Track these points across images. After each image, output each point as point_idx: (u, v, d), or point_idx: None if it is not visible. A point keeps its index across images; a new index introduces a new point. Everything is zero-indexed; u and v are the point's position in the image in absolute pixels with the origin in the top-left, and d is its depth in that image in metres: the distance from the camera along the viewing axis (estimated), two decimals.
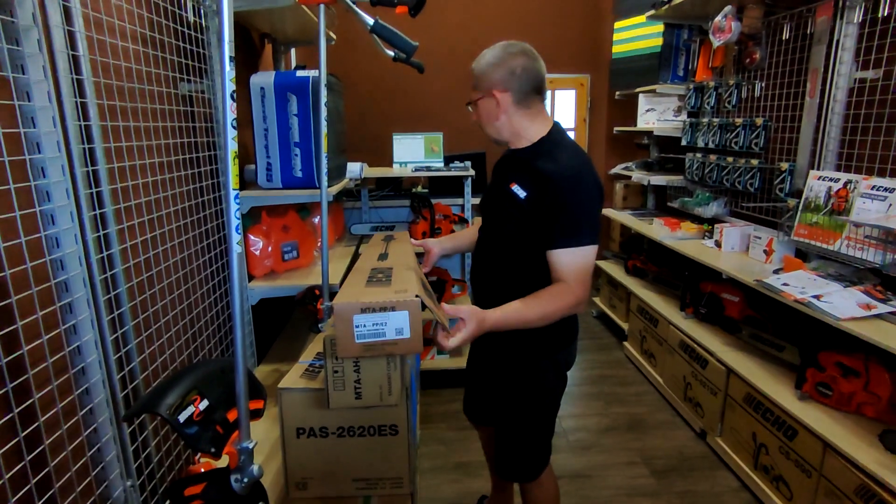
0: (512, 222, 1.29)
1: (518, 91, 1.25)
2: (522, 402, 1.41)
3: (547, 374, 1.39)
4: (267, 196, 1.94)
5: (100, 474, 1.12)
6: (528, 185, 1.24)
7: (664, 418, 2.59)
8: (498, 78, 1.25)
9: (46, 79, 0.96)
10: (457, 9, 4.27)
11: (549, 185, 1.19)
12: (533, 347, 1.36)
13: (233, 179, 0.86)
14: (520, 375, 1.39)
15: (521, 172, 1.28)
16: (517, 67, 1.24)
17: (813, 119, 2.17)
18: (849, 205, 1.88)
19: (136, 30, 1.39)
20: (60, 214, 1.00)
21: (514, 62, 1.25)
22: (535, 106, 1.29)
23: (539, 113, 1.30)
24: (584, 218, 1.20)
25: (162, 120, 1.50)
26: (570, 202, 1.18)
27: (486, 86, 1.27)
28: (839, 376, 1.78)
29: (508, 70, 1.24)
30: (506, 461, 1.48)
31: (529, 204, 1.23)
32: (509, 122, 1.29)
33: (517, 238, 1.28)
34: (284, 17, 2.12)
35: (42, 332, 0.96)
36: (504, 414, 1.45)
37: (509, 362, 1.41)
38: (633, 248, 3.55)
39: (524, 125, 1.29)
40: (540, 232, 1.22)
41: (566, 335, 1.40)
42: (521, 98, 1.26)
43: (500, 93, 1.25)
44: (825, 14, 2.07)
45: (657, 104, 3.39)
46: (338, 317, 1.02)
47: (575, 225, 1.19)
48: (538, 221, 1.22)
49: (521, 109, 1.28)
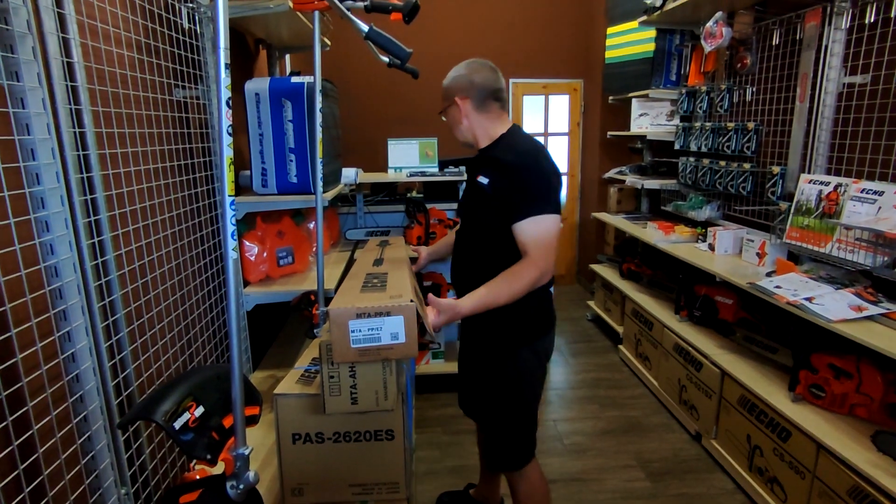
0: (481, 209, 1.43)
1: (476, 98, 1.44)
2: (503, 390, 1.47)
3: (526, 362, 1.46)
4: (262, 202, 1.94)
5: (94, 482, 1.11)
6: (490, 173, 1.40)
7: (659, 421, 2.60)
8: (459, 87, 1.45)
9: (41, 86, 0.96)
10: (451, 15, 4.30)
11: (507, 170, 1.35)
12: (511, 336, 1.44)
13: (228, 186, 0.86)
14: (500, 364, 1.47)
15: (484, 165, 1.44)
16: (475, 78, 1.43)
17: (803, 123, 2.19)
18: (839, 208, 1.90)
19: (130, 36, 1.39)
20: (55, 221, 1.00)
21: (473, 74, 1.44)
22: (493, 110, 1.46)
23: (498, 116, 1.47)
24: (538, 192, 1.33)
25: (157, 126, 1.50)
26: (525, 180, 1.33)
27: (450, 95, 1.47)
28: (832, 378, 1.79)
29: (468, 81, 1.44)
30: (491, 451, 1.55)
31: (493, 189, 1.38)
32: (471, 125, 1.47)
33: (487, 222, 1.41)
34: (279, 22, 2.13)
35: (36, 339, 0.96)
36: (487, 403, 1.52)
37: (490, 352, 1.48)
38: (627, 251, 3.57)
39: (485, 126, 1.46)
40: (504, 212, 1.35)
41: (543, 323, 1.49)
42: (480, 103, 1.44)
43: (461, 100, 1.44)
44: (814, 20, 2.10)
45: (650, 109, 3.41)
46: (333, 322, 1.02)
47: (531, 199, 1.32)
48: (501, 203, 1.36)
49: (482, 113, 1.45)
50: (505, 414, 1.49)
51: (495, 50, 4.38)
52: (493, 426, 1.52)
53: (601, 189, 4.30)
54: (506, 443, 1.51)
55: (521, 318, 1.42)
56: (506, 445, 1.51)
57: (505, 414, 1.49)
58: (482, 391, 1.53)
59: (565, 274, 4.90)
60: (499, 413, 1.49)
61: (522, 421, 1.50)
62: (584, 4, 4.40)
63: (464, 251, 1.54)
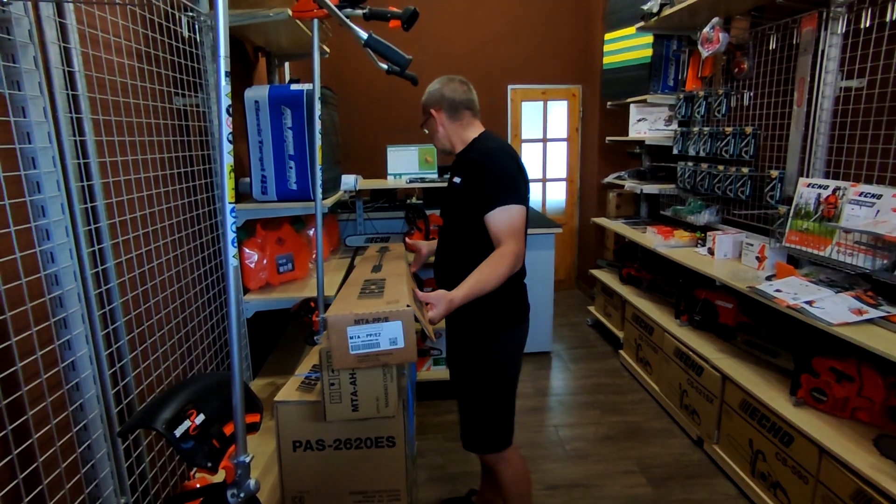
0: (457, 206, 1.57)
1: (449, 108, 1.58)
2: (480, 377, 1.59)
3: (502, 351, 1.58)
4: (262, 209, 1.95)
5: (94, 491, 1.11)
6: (462, 173, 1.55)
7: (661, 426, 2.59)
8: (434, 100, 1.59)
9: (42, 95, 0.97)
10: (449, 23, 4.32)
11: (474, 167, 1.50)
12: (488, 326, 1.56)
13: (229, 193, 0.86)
14: (476, 352, 1.58)
15: (458, 167, 1.60)
16: (446, 91, 1.58)
17: (801, 127, 2.20)
18: (838, 211, 1.90)
19: (130, 45, 1.40)
20: (56, 229, 1.00)
21: (444, 88, 1.58)
22: (465, 118, 1.60)
23: (471, 123, 1.62)
24: (504, 184, 1.46)
25: (157, 134, 1.51)
26: (490, 174, 1.47)
27: (427, 108, 1.61)
28: (833, 381, 1.79)
29: (440, 94, 1.58)
30: (467, 432, 1.65)
31: (464, 186, 1.52)
32: (447, 132, 1.61)
33: (463, 217, 1.54)
34: (279, 30, 2.14)
35: (36, 347, 0.96)
36: (464, 388, 1.64)
37: (469, 341, 1.60)
38: (626, 256, 3.57)
39: (459, 132, 1.61)
40: (476, 205, 1.47)
41: (518, 313, 1.60)
42: (453, 113, 1.59)
43: (436, 111, 1.59)
44: (810, 25, 2.12)
45: (648, 114, 3.43)
46: (332, 329, 1.02)
47: (497, 191, 1.44)
48: (472, 197, 1.49)
49: (455, 122, 1.60)
50: (483, 398, 1.60)
51: (494, 56, 4.41)
52: (472, 410, 1.63)
53: (600, 194, 4.30)
54: (484, 426, 1.62)
55: (498, 309, 1.55)
56: (484, 428, 1.62)
57: (483, 398, 1.60)
58: (462, 377, 1.65)
59: (565, 279, 4.90)
60: (478, 398, 1.61)
61: (499, 405, 1.61)
62: (581, 11, 4.43)
63: (445, 248, 1.66)
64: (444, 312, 1.33)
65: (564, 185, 4.81)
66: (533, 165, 4.74)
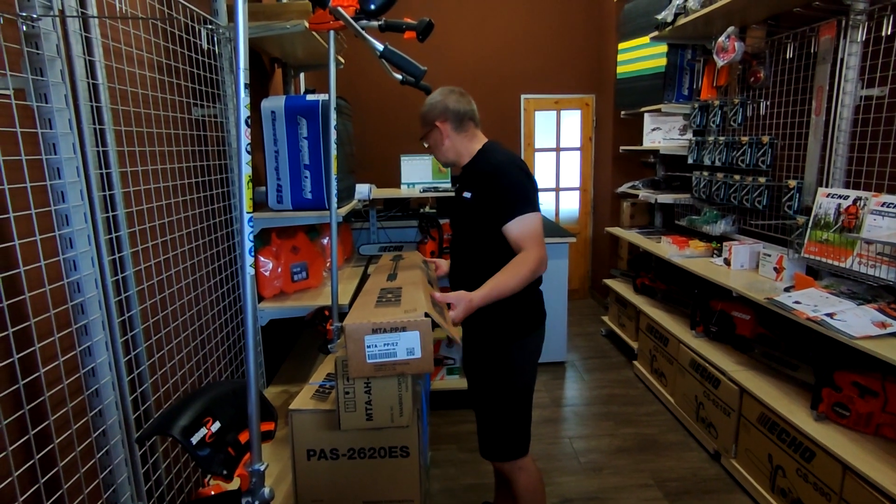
0: (467, 219, 1.58)
1: (454, 120, 1.57)
2: (496, 384, 1.58)
3: (517, 358, 1.56)
4: (277, 218, 1.97)
5: (111, 496, 1.11)
6: (472, 186, 1.54)
7: (676, 439, 2.54)
8: (439, 112, 1.58)
9: (68, 107, 0.99)
10: (464, 33, 4.36)
11: (485, 180, 1.50)
12: (504, 333, 1.55)
13: (247, 203, 0.87)
14: (492, 359, 1.57)
15: (467, 180, 1.59)
16: (450, 103, 1.57)
17: (820, 136, 2.17)
18: (859, 222, 1.87)
19: (152, 58, 1.43)
20: (79, 238, 1.02)
21: (447, 100, 1.58)
22: (470, 130, 1.60)
23: (475, 135, 1.62)
24: (518, 194, 1.46)
25: (175, 144, 1.54)
26: (504, 186, 1.47)
27: (430, 120, 1.60)
28: (856, 396, 1.75)
29: (445, 105, 1.57)
30: (485, 440, 1.64)
31: (475, 200, 1.52)
32: (453, 145, 1.60)
33: (474, 230, 1.55)
34: (295, 42, 2.17)
35: (59, 354, 0.98)
36: (481, 396, 1.63)
37: (484, 348, 1.59)
38: (641, 266, 3.53)
39: (465, 144, 1.60)
40: (490, 218, 1.48)
41: (533, 320, 1.60)
42: (458, 125, 1.58)
43: (442, 123, 1.58)
44: (828, 33, 2.09)
45: (662, 123, 3.41)
46: (349, 337, 1.02)
47: (513, 201, 1.45)
48: (486, 210, 1.49)
49: (460, 133, 1.59)
50: (499, 405, 1.58)
51: (507, 66, 4.43)
52: (488, 417, 1.61)
53: (614, 204, 4.28)
54: (501, 433, 1.60)
55: (513, 316, 1.54)
56: (501, 436, 1.60)
57: (499, 405, 1.58)
58: (478, 384, 1.64)
59: (578, 288, 4.87)
60: (493, 404, 1.59)
61: (515, 412, 1.59)
62: (595, 20, 4.44)
63: (459, 261, 1.66)
64: (465, 313, 1.33)
65: (578, 195, 4.79)
66: (546, 175, 4.73)
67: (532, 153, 4.66)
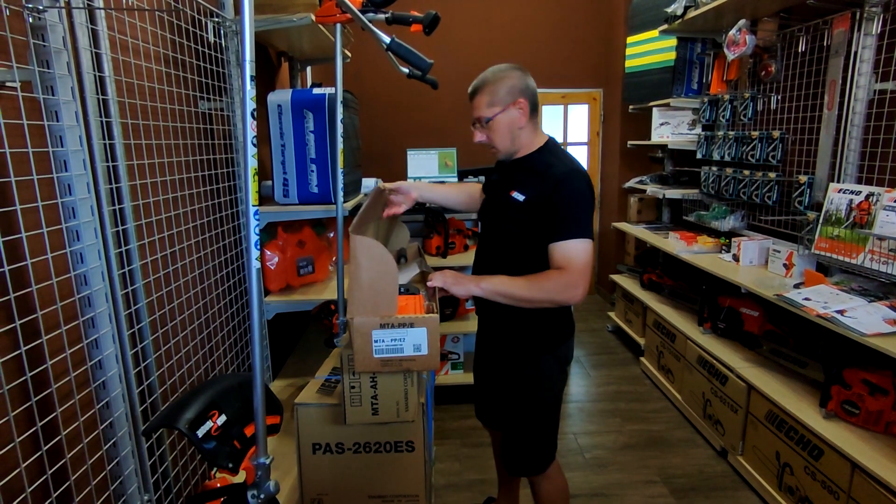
0: (511, 223, 1.39)
1: (532, 103, 1.39)
2: (527, 397, 1.47)
3: (549, 369, 1.46)
4: (283, 212, 1.96)
5: (118, 488, 1.12)
6: (529, 188, 1.34)
7: (683, 436, 2.53)
8: (519, 89, 1.35)
9: (74, 99, 0.99)
10: (470, 26, 4.33)
11: (549, 184, 1.30)
12: (534, 344, 1.45)
13: (253, 196, 0.87)
14: (523, 372, 1.46)
15: (519, 178, 1.39)
16: (529, 82, 1.39)
17: (832, 131, 2.14)
18: (871, 218, 1.84)
19: (158, 50, 1.43)
20: (85, 230, 1.02)
21: (525, 78, 1.38)
22: (535, 119, 1.42)
23: (538, 126, 1.45)
24: (583, 213, 1.29)
25: (182, 137, 1.53)
26: (567, 198, 1.28)
27: (507, 98, 1.36)
28: (866, 394, 1.73)
29: (524, 83, 1.37)
30: (514, 457, 1.53)
31: (529, 204, 1.33)
32: (522, 132, 1.39)
33: (518, 237, 1.37)
34: (301, 35, 2.16)
35: (66, 346, 0.98)
36: (511, 411, 1.51)
37: (513, 360, 1.48)
38: (648, 261, 3.51)
39: (529, 135, 1.41)
40: (541, 228, 1.31)
41: (564, 330, 1.49)
42: (533, 110, 1.40)
43: (524, 100, 1.36)
44: (842, 26, 2.06)
45: (671, 118, 3.37)
46: (356, 331, 1.02)
47: (576, 219, 1.28)
48: (539, 218, 1.31)
49: (532, 120, 1.40)
50: (529, 420, 1.48)
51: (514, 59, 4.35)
52: (517, 432, 1.51)
53: (621, 199, 4.25)
54: (530, 449, 1.51)
55: (544, 327, 1.44)
56: (530, 451, 1.51)
57: (529, 420, 1.48)
58: (506, 399, 1.52)
59: None
60: (523, 419, 1.49)
61: (546, 425, 1.50)
62: (603, 14, 4.39)
63: (489, 263, 1.48)
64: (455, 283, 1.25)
65: None
66: None
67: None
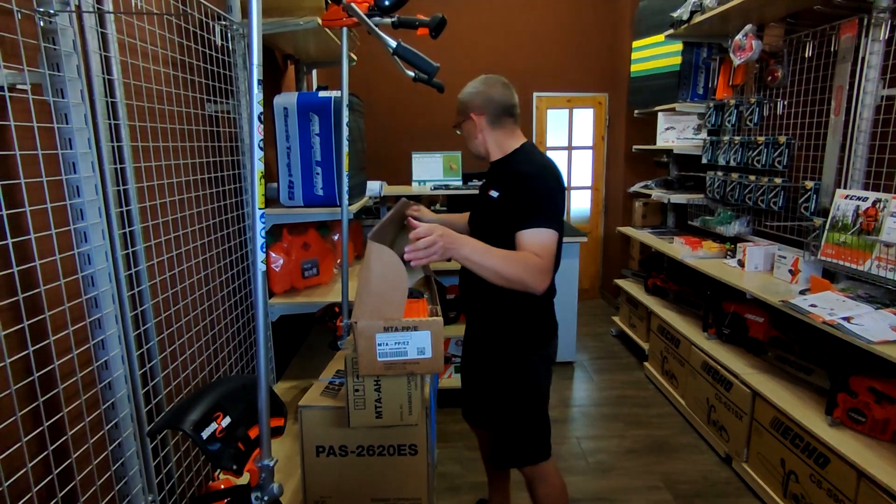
0: (488, 220, 1.50)
1: (492, 114, 1.49)
2: (515, 397, 1.53)
3: (535, 369, 1.54)
4: (289, 214, 1.97)
5: (123, 489, 1.12)
6: (501, 186, 1.46)
7: (687, 441, 2.52)
8: (476, 104, 1.50)
9: (84, 102, 1.00)
10: (476, 29, 4.34)
11: (517, 180, 1.41)
12: (521, 345, 1.52)
13: (259, 199, 0.87)
14: (511, 372, 1.53)
15: (496, 178, 1.51)
16: (492, 94, 1.49)
17: (839, 137, 2.13)
18: (878, 224, 1.83)
19: (166, 54, 1.44)
20: (93, 232, 1.03)
21: (489, 91, 1.49)
22: (507, 126, 1.51)
23: (512, 132, 1.53)
24: (547, 206, 1.36)
25: (188, 140, 1.54)
26: (537, 191, 1.37)
27: (466, 110, 1.52)
28: (872, 402, 1.71)
29: (485, 97, 1.49)
30: (502, 452, 1.59)
31: (501, 200, 1.44)
32: (485, 140, 1.52)
33: (494, 233, 1.42)
34: (308, 38, 2.17)
35: (73, 346, 0.98)
36: (499, 410, 1.57)
37: (500, 361, 1.54)
38: (652, 266, 3.50)
39: (499, 141, 1.52)
40: (510, 220, 1.38)
41: (548, 331, 1.57)
42: (495, 119, 1.50)
43: (477, 116, 1.50)
44: (849, 32, 2.05)
45: (677, 122, 3.37)
46: (360, 335, 1.02)
47: (539, 210, 1.35)
48: (508, 211, 1.39)
49: (496, 129, 1.51)
50: (519, 417, 1.54)
51: (520, 63, 4.40)
52: (505, 430, 1.57)
53: (626, 203, 4.24)
54: (520, 443, 1.57)
55: (529, 328, 1.52)
56: (521, 446, 1.57)
57: (519, 417, 1.54)
58: (494, 398, 1.58)
59: (589, 288, 4.84)
60: (511, 418, 1.54)
61: (534, 422, 1.56)
62: (609, 18, 4.40)
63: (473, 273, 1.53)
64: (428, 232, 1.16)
65: (589, 194, 4.76)
66: None
67: (543, 152, 4.63)
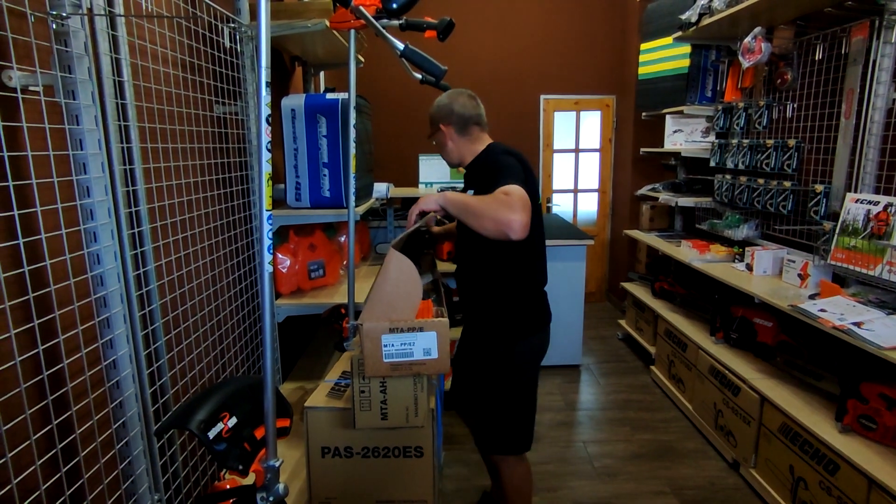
0: None
1: (458, 123, 1.60)
2: (502, 381, 1.59)
3: (522, 356, 1.58)
4: (295, 215, 1.98)
5: (129, 487, 1.13)
6: (475, 182, 1.55)
7: (694, 446, 2.50)
8: (442, 116, 1.62)
9: (94, 104, 1.01)
10: (484, 32, 4.34)
11: (484, 168, 1.54)
12: (508, 332, 1.57)
13: (266, 201, 0.88)
14: (498, 358, 1.58)
15: (470, 178, 1.63)
16: (456, 107, 1.60)
17: (849, 140, 2.11)
18: (890, 228, 1.81)
19: (176, 56, 1.45)
20: (102, 232, 1.04)
21: (453, 104, 1.60)
22: (474, 133, 1.63)
23: (479, 137, 1.64)
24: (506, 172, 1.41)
25: (197, 141, 1.55)
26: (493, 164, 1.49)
27: (435, 122, 1.64)
28: (884, 409, 1.69)
29: (450, 109, 1.61)
30: (489, 437, 1.65)
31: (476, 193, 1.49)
32: (456, 148, 1.64)
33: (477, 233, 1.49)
34: (315, 40, 2.18)
35: (82, 345, 0.99)
36: (486, 395, 1.63)
37: (488, 347, 1.60)
38: (659, 270, 3.48)
39: (468, 147, 1.63)
40: None
41: (537, 320, 1.61)
42: (462, 128, 1.61)
43: (445, 127, 1.62)
44: (860, 34, 2.04)
45: (685, 125, 3.35)
46: (366, 336, 1.02)
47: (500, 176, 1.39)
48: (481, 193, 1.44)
49: (464, 136, 1.62)
50: (503, 403, 1.60)
51: (527, 66, 4.40)
52: (491, 415, 1.62)
53: (633, 206, 4.22)
54: (504, 429, 1.62)
55: (517, 315, 1.57)
56: (504, 431, 1.62)
57: (503, 403, 1.60)
58: (481, 383, 1.63)
59: (595, 291, 4.82)
60: (498, 403, 1.60)
61: (520, 409, 1.61)
62: (617, 21, 4.39)
63: (463, 261, 1.69)
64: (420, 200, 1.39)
65: (596, 197, 4.74)
66: (565, 176, 4.70)
67: (551, 154, 4.62)
